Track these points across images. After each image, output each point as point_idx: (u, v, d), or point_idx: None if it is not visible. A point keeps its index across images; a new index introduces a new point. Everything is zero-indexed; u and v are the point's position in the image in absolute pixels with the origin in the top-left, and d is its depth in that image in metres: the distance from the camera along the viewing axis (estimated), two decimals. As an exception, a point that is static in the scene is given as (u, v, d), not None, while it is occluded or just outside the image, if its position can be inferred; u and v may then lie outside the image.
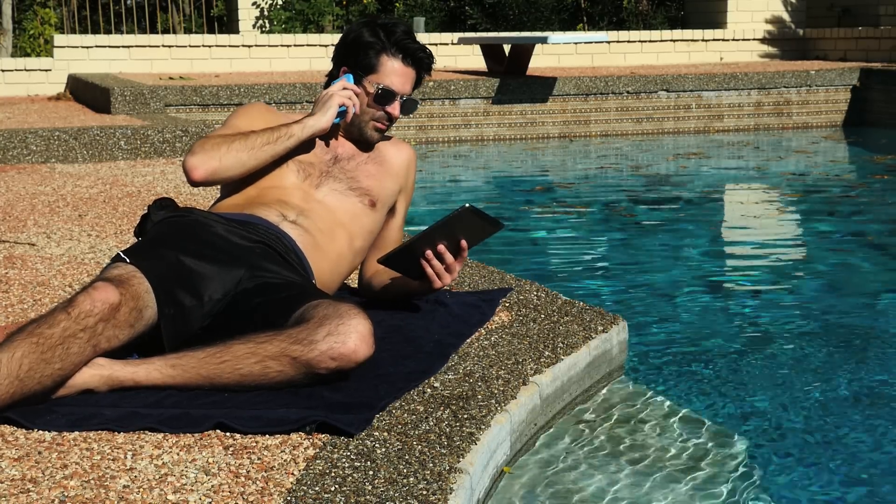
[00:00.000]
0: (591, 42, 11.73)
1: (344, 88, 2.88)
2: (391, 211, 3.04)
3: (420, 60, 2.93)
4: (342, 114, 2.89)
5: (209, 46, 10.99)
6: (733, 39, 12.51)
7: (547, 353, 2.77)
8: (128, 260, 2.46)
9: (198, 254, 2.54)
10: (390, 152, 3.03)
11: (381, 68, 2.89)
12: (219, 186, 2.92)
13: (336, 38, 10.87)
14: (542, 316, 3.08)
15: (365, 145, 2.99)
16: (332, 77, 2.97)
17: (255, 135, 2.79)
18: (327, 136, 2.95)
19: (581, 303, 3.23)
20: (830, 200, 6.84)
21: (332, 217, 2.85)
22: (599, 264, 5.19)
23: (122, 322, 2.30)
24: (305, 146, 2.89)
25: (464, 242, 2.73)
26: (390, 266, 2.81)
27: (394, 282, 2.92)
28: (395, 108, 2.90)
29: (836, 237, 5.74)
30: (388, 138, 3.06)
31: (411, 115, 4.10)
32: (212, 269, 2.53)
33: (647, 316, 4.18)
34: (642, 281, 4.79)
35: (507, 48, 10.31)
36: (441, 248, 2.73)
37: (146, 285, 2.39)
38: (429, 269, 2.75)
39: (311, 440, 2.15)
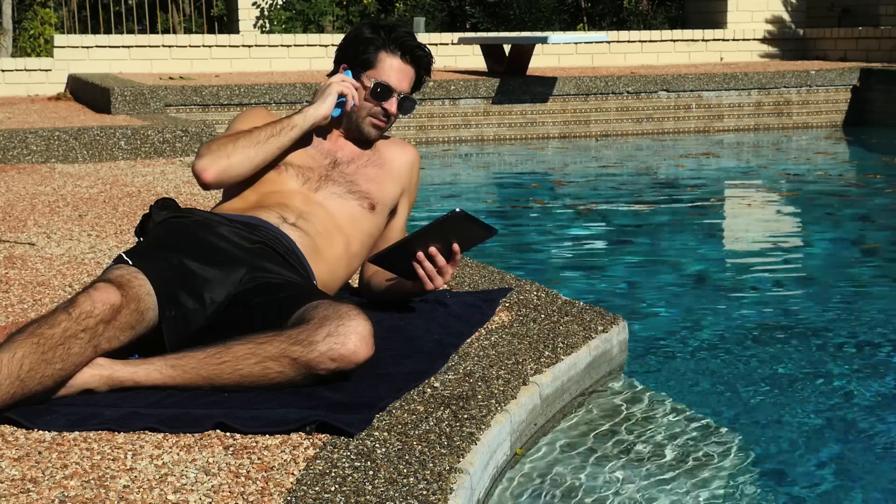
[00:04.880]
0: (591, 42, 11.73)
1: (342, 81, 2.89)
2: (393, 212, 3.04)
3: (419, 59, 2.93)
4: (342, 104, 2.89)
5: (209, 46, 10.99)
6: (733, 39, 12.50)
7: (547, 353, 2.77)
8: (130, 262, 2.46)
9: (200, 256, 2.54)
10: (392, 154, 3.03)
11: (380, 64, 2.89)
12: (219, 191, 2.93)
13: (336, 38, 10.88)
14: (542, 316, 3.08)
15: (365, 144, 2.99)
16: (332, 76, 2.98)
17: (259, 130, 2.80)
18: (327, 136, 2.95)
19: (581, 303, 3.23)
20: (833, 201, 6.84)
21: (332, 220, 2.85)
22: (599, 264, 5.19)
23: (122, 323, 2.30)
24: (306, 148, 2.89)
25: (456, 246, 2.73)
26: (380, 265, 2.81)
27: (392, 283, 2.92)
28: (391, 105, 2.90)
29: (839, 237, 5.74)
30: (387, 138, 3.06)
31: (411, 115, 4.10)
32: (214, 272, 2.53)
33: (647, 316, 4.18)
34: (642, 281, 4.79)
35: (507, 48, 10.31)
36: (433, 250, 2.73)
37: (148, 287, 2.39)
38: (420, 271, 2.75)
39: (311, 440, 2.15)
